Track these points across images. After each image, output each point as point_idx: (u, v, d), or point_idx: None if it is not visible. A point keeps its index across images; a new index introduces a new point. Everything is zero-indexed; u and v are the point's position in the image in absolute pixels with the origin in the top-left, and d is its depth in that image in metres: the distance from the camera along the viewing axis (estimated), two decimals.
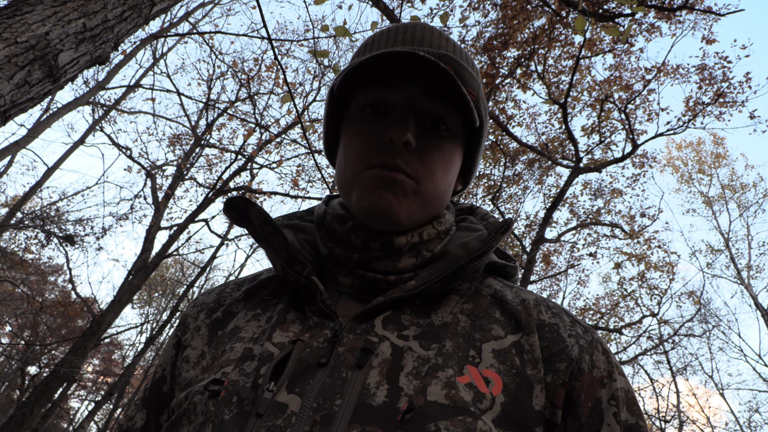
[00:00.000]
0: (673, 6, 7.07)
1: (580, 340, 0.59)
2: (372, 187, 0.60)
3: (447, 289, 0.63)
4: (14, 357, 12.31)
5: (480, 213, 0.76)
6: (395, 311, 0.59)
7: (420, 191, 0.62)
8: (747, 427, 14.82)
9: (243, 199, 0.66)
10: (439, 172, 0.64)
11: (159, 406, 0.66)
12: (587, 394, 0.56)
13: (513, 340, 0.58)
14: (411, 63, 0.59)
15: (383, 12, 4.90)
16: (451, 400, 0.50)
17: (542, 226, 9.18)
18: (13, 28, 1.75)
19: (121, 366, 18.02)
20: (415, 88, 0.63)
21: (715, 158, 17.27)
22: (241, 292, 0.70)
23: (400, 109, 0.63)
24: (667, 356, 13.87)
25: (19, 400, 12.47)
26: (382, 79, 0.63)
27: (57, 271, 15.85)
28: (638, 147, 9.22)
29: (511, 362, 0.55)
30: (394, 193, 0.60)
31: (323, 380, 0.51)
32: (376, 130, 0.62)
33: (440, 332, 0.57)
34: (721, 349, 16.78)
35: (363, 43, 0.75)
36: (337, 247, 0.64)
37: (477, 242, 0.64)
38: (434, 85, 0.63)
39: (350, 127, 0.66)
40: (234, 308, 0.67)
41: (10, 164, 11.23)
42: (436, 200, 0.64)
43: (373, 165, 0.61)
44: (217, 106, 11.10)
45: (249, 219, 0.67)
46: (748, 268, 15.30)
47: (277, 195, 10.82)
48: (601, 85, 9.92)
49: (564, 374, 0.56)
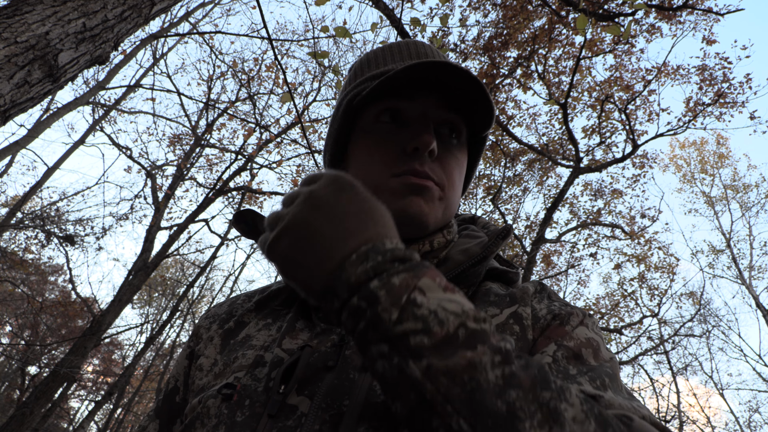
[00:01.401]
0: (673, 6, 7.07)
1: (551, 305, 0.61)
2: (402, 193, 0.62)
3: None
4: (14, 357, 12.31)
5: (481, 222, 0.78)
6: None
7: (444, 197, 0.65)
8: (747, 427, 14.82)
9: (252, 212, 0.68)
10: (457, 180, 0.67)
11: (172, 416, 0.68)
12: (545, 337, 0.57)
13: (510, 311, 0.60)
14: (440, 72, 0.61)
15: (383, 12, 4.90)
16: None
17: (542, 226, 9.18)
18: (13, 28, 1.75)
19: (121, 366, 18.02)
20: (430, 99, 0.65)
21: (718, 158, 17.27)
22: (252, 303, 0.72)
23: (419, 119, 0.64)
24: (667, 356, 13.87)
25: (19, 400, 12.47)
26: (394, 90, 0.65)
27: (57, 271, 15.85)
28: (638, 147, 9.22)
29: (511, 330, 0.58)
30: (425, 198, 0.62)
31: (331, 382, 0.53)
32: (398, 141, 0.64)
33: None
34: (721, 349, 16.79)
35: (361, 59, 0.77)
36: None
37: (478, 248, 0.66)
38: (448, 96, 0.65)
39: (366, 138, 0.67)
40: (245, 318, 0.69)
41: (10, 164, 11.22)
42: (453, 206, 0.68)
43: (400, 173, 0.62)
44: (217, 106, 11.10)
45: (258, 231, 0.69)
46: (750, 268, 15.30)
47: (277, 195, 10.83)
48: (601, 85, 9.92)
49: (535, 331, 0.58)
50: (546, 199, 12.16)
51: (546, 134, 11.10)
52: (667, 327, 13.57)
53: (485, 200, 11.22)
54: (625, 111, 9.19)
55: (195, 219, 10.10)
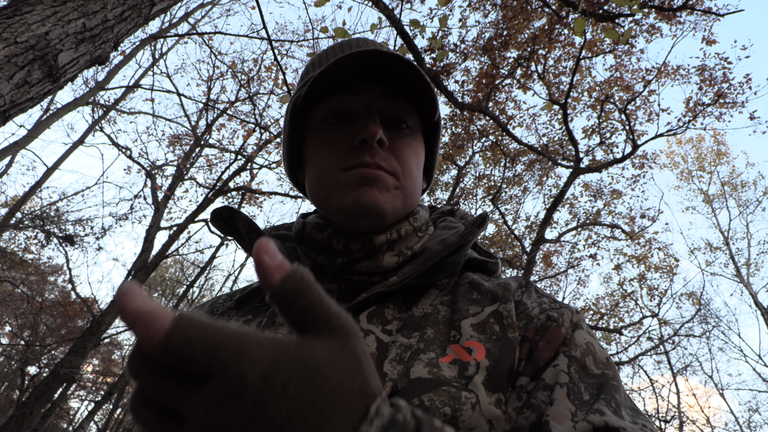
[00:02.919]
0: (673, 6, 7.07)
1: (542, 304, 0.61)
2: (353, 186, 0.61)
3: (427, 284, 0.64)
4: (14, 357, 12.30)
5: (459, 213, 0.78)
6: (379, 306, 0.61)
7: (401, 185, 0.64)
8: (747, 427, 14.82)
9: (229, 209, 0.68)
10: (414, 167, 0.66)
11: None
12: (546, 342, 0.56)
13: (490, 310, 0.59)
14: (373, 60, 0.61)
15: (383, 12, 4.90)
16: (434, 375, 0.51)
17: (542, 226, 9.18)
18: (13, 28, 1.75)
19: (121, 366, 18.01)
20: (375, 90, 0.65)
21: (716, 155, 17.27)
22: (232, 301, 0.72)
23: (364, 112, 0.64)
24: (667, 356, 13.87)
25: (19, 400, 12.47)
26: (340, 87, 0.65)
27: (57, 271, 15.84)
28: (638, 148, 9.21)
29: (491, 330, 0.57)
30: (378, 188, 0.61)
31: None
32: (345, 137, 0.64)
33: (421, 322, 0.58)
34: (721, 350, 16.75)
35: (310, 61, 0.77)
36: (320, 255, 0.66)
37: (454, 237, 0.66)
38: (392, 85, 0.65)
39: (315, 139, 0.67)
40: (226, 316, 0.69)
41: (10, 164, 11.22)
42: (414, 194, 0.67)
43: (350, 167, 0.62)
44: (216, 107, 11.09)
45: (236, 228, 0.69)
46: (748, 266, 15.29)
47: (277, 195, 10.82)
48: (601, 85, 9.92)
49: (525, 330, 0.57)
50: (546, 200, 12.17)
51: (546, 134, 11.11)
52: (667, 327, 13.58)
53: (485, 200, 11.22)
54: (625, 111, 9.19)
55: (195, 219, 10.10)
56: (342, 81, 0.64)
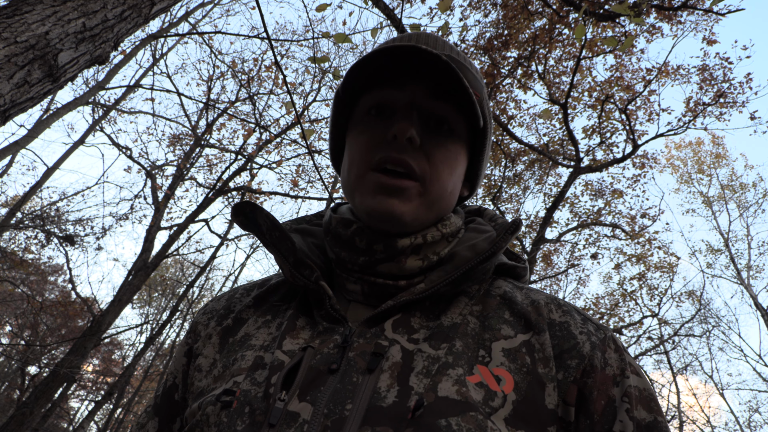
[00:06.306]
0: (673, 6, 7.06)
1: (591, 337, 0.58)
2: (372, 192, 0.60)
3: (456, 292, 0.62)
4: (14, 357, 12.30)
5: (488, 214, 0.74)
6: (405, 314, 0.59)
7: (426, 192, 0.61)
8: (747, 427, 14.82)
9: (251, 204, 0.66)
10: (445, 172, 0.63)
11: (171, 413, 0.67)
12: (599, 391, 0.55)
13: (523, 339, 0.57)
14: (413, 57, 0.59)
15: (383, 12, 4.89)
16: (462, 396, 0.49)
17: (543, 226, 9.17)
18: (13, 28, 1.74)
19: (121, 366, 18.02)
20: (419, 87, 0.62)
21: (715, 158, 17.26)
22: (250, 298, 0.69)
23: (404, 108, 0.62)
24: (667, 356, 13.86)
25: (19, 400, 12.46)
26: (386, 80, 0.63)
27: (57, 271, 15.85)
28: (639, 147, 9.21)
29: (522, 361, 0.55)
30: (399, 198, 0.59)
31: (334, 386, 0.51)
32: (381, 131, 0.62)
33: (450, 332, 0.56)
34: (721, 349, 16.76)
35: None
36: (343, 251, 0.64)
37: (486, 243, 0.62)
38: (438, 84, 0.62)
39: (355, 130, 0.66)
40: (244, 315, 0.67)
41: (10, 164, 11.22)
42: (442, 201, 0.64)
43: (376, 162, 0.60)
44: (217, 107, 11.09)
45: (257, 224, 0.67)
46: (748, 268, 15.28)
47: (277, 195, 10.82)
48: (601, 85, 9.92)
49: (575, 371, 0.55)
50: (546, 199, 12.16)
51: (546, 134, 11.11)
52: (667, 327, 13.58)
53: (485, 200, 11.21)
54: (625, 111, 9.18)
55: (195, 219, 10.10)
56: (390, 74, 0.63)
